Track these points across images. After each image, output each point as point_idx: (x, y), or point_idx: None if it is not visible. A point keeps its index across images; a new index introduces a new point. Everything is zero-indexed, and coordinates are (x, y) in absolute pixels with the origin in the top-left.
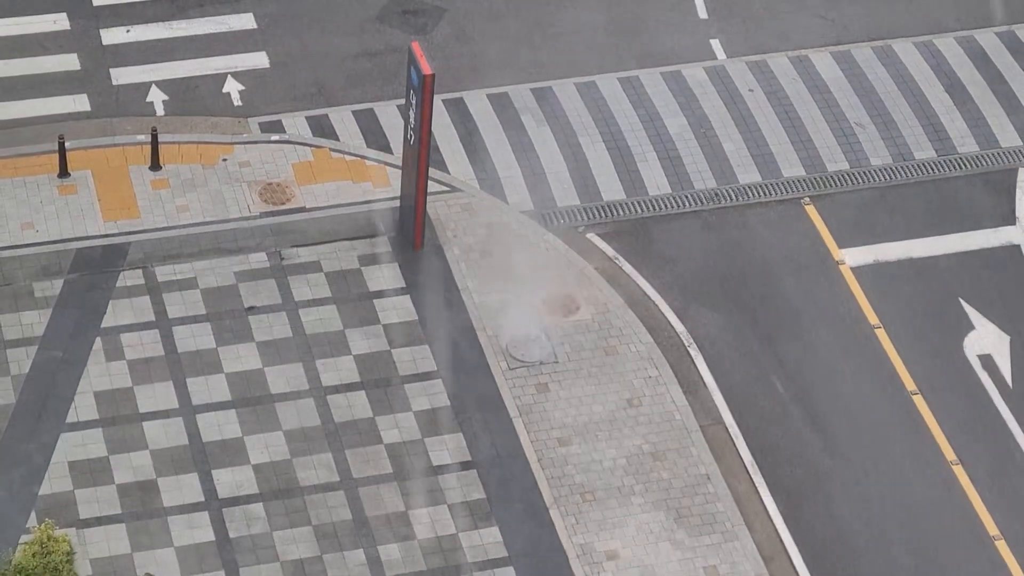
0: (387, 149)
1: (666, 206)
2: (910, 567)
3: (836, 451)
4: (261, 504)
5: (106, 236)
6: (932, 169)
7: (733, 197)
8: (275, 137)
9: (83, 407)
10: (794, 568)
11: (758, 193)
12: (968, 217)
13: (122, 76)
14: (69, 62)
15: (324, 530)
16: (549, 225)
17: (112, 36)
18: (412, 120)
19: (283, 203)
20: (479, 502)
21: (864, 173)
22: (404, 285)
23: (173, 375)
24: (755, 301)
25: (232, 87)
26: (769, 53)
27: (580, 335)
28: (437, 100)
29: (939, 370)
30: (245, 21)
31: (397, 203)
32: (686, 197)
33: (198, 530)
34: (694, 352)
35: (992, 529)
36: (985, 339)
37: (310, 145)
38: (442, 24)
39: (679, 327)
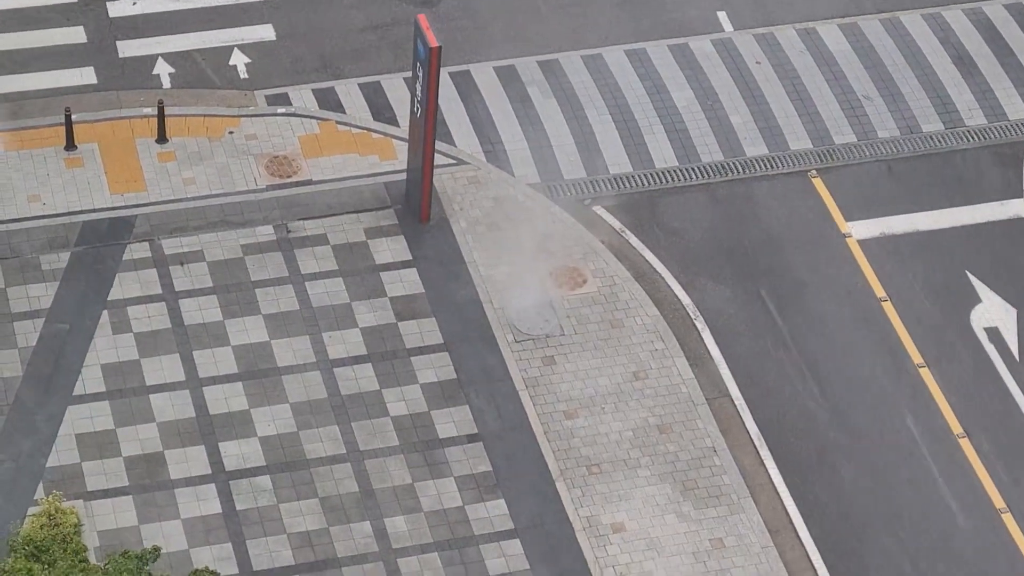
0: (393, 122)
1: (673, 179)
2: (916, 540)
3: (842, 424)
4: (268, 476)
5: (113, 209)
6: (939, 142)
7: (740, 170)
8: (281, 110)
9: (90, 379)
10: (800, 541)
11: (765, 166)
12: (975, 190)
13: (128, 49)
14: (76, 35)
15: (331, 502)
16: (556, 198)
17: (118, 8)
18: (419, 93)
19: (289, 176)
20: (485, 475)
21: (871, 146)
22: (411, 258)
23: (180, 348)
24: (762, 274)
25: (238, 60)
26: (776, 25)
27: (586, 308)
28: (443, 73)
29: (946, 343)
30: None
31: (404, 176)
32: (693, 170)
33: (205, 502)
34: (700, 325)
35: (998, 502)
36: (992, 312)
37: (316, 118)
38: None
39: (685, 300)
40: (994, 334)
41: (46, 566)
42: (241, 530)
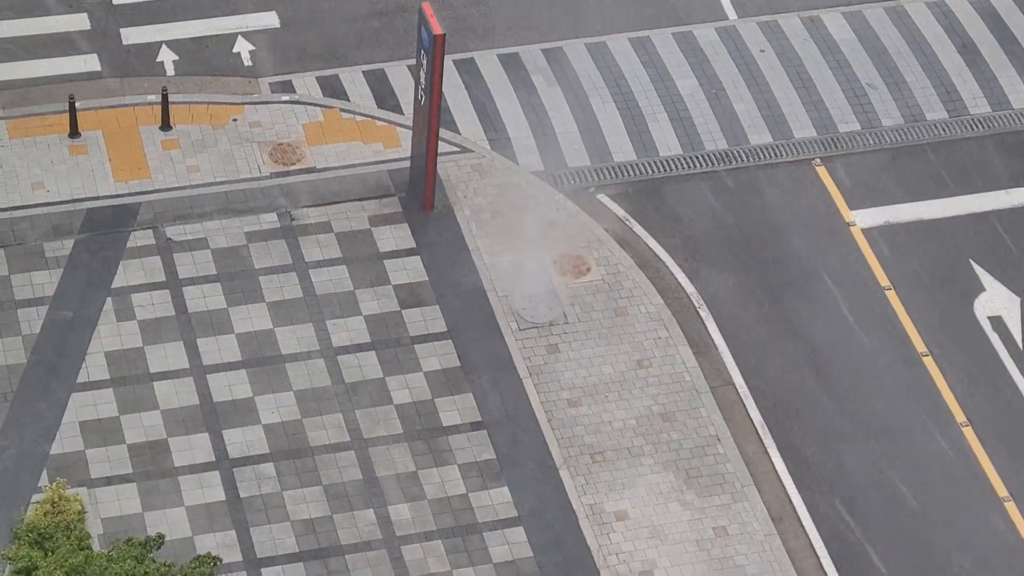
0: (397, 110)
1: (677, 167)
2: (919, 528)
3: (846, 412)
4: (272, 464)
5: (116, 196)
6: (944, 130)
7: (744, 158)
8: (285, 97)
9: (94, 367)
10: (803, 529)
11: (769, 154)
12: (979, 179)
13: (132, 36)
14: (79, 22)
15: (334, 490)
16: (560, 186)
17: None
18: (423, 80)
19: (293, 163)
20: (489, 462)
21: (875, 134)
22: (414, 246)
23: (184, 335)
24: (766, 262)
25: (242, 47)
26: (781, 13)
27: (590, 296)
28: (448, 60)
29: (949, 332)
30: None
31: (407, 164)
32: (697, 158)
33: (209, 490)
34: (704, 313)
35: (1001, 491)
36: (995, 301)
37: (320, 105)
38: None
39: (689, 288)
40: (998, 323)
41: (49, 553)
42: (245, 517)
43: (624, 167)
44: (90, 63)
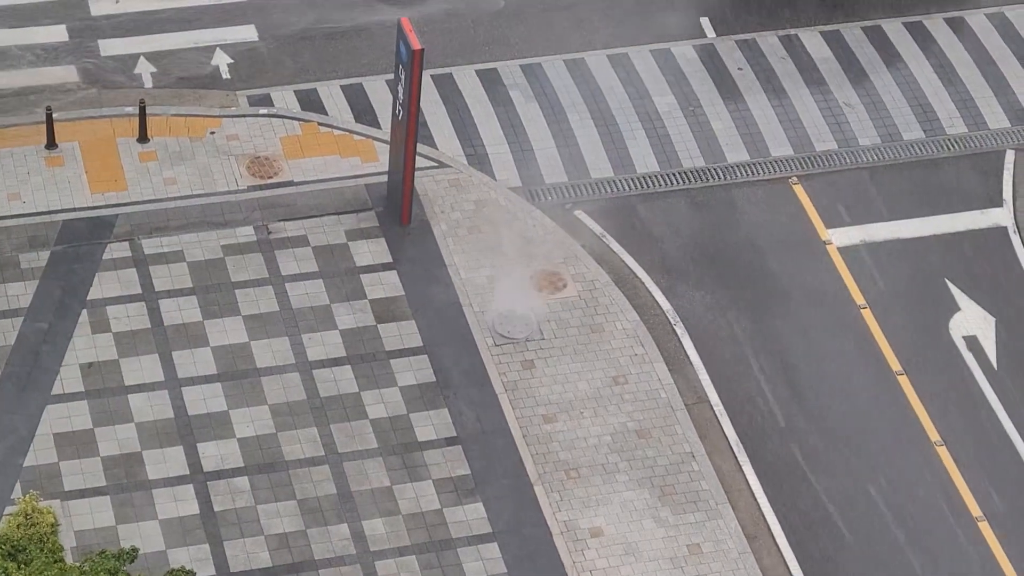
0: (375, 124)
1: (654, 184)
2: (893, 547)
3: (821, 430)
4: (246, 478)
5: (93, 208)
6: (920, 150)
7: (721, 176)
8: (263, 111)
9: (68, 379)
10: (777, 547)
11: (746, 172)
12: (956, 199)
13: (110, 48)
14: (58, 33)
15: (309, 504)
16: (537, 202)
17: (101, 7)
18: (401, 95)
19: (271, 177)
20: (464, 478)
21: (852, 153)
22: (391, 260)
23: (159, 348)
24: (742, 280)
25: (221, 60)
26: (759, 32)
27: (566, 312)
28: (426, 75)
29: (924, 351)
30: None
31: (385, 178)
32: (674, 175)
33: (183, 503)
34: (680, 330)
35: (975, 510)
36: (971, 320)
37: (298, 119)
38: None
39: (665, 305)
40: (972, 343)
41: (22, 565)
42: (219, 531)
43: (601, 184)
44: (68, 74)
